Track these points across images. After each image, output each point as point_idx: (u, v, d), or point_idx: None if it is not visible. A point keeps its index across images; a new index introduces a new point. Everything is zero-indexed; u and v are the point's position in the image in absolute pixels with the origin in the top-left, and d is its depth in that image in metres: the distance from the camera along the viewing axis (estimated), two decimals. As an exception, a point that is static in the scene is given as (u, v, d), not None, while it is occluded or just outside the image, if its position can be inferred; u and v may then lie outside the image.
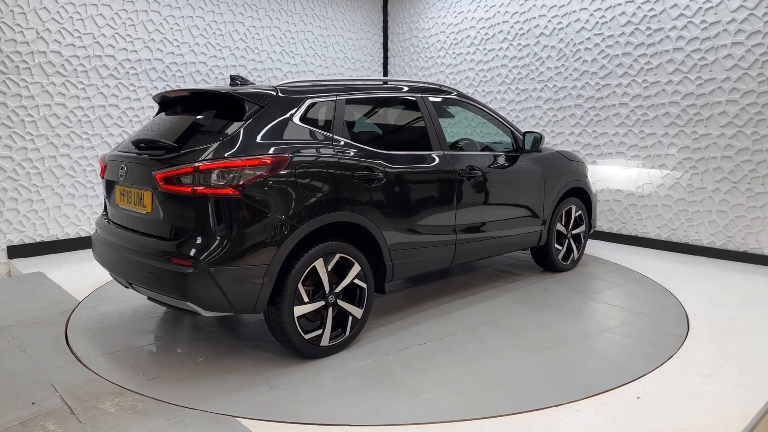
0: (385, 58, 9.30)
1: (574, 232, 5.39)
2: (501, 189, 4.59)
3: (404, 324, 3.96)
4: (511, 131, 4.94)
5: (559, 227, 5.22)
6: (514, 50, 7.44)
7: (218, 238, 2.99)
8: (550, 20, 7.02)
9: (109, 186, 3.67)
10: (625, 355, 3.44)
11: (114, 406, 2.80)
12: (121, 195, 3.50)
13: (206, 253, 2.96)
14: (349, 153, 3.53)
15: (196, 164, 2.99)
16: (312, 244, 3.26)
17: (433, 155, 4.09)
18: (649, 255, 6.02)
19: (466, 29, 8.02)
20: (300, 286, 3.21)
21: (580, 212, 5.42)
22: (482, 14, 7.77)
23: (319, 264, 3.28)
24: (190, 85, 6.75)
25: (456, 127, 7.03)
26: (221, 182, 2.98)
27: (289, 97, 3.44)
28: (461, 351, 3.52)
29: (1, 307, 4.26)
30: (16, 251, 5.59)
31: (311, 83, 3.71)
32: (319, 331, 3.33)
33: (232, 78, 3.78)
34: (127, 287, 3.55)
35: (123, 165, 3.43)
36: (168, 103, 3.87)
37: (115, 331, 3.80)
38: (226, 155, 3.04)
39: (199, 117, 3.54)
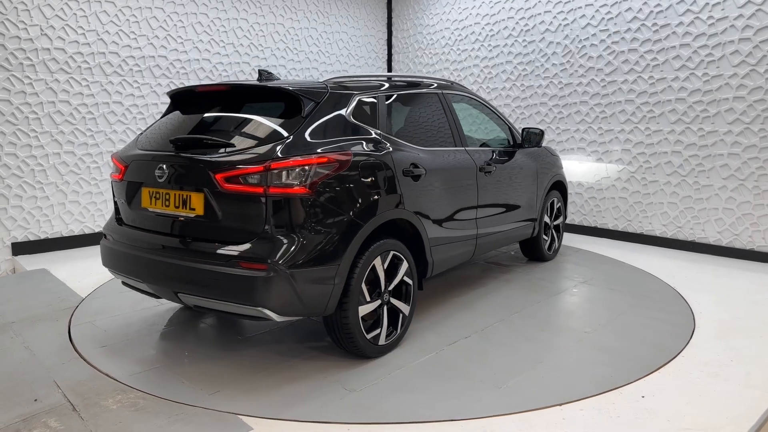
0: (389, 54, 9.26)
1: (555, 222, 5.66)
2: (507, 183, 4.75)
3: (437, 319, 3.99)
4: (508, 126, 5.11)
5: (545, 219, 5.48)
6: (519, 47, 7.40)
7: (291, 239, 2.87)
8: (555, 16, 6.97)
9: (132, 188, 3.36)
10: (635, 349, 3.44)
11: (116, 403, 2.80)
12: (154, 197, 3.22)
13: (281, 255, 2.82)
14: (397, 149, 3.54)
15: (268, 163, 2.85)
16: (369, 242, 3.23)
17: (459, 150, 4.20)
18: (655, 253, 5.98)
19: (470, 25, 7.97)
20: (363, 285, 3.19)
21: (560, 204, 5.71)
22: (487, 10, 7.72)
23: (377, 262, 3.27)
24: (194, 83, 6.74)
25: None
26: (293, 181, 2.88)
27: (339, 93, 3.38)
28: (507, 341, 3.63)
29: (5, 304, 4.27)
30: (20, 248, 5.60)
31: (351, 79, 3.70)
32: (378, 330, 3.32)
33: (260, 72, 3.63)
34: (158, 298, 3.37)
35: (162, 165, 3.12)
36: (191, 99, 3.61)
37: (137, 346, 3.51)
38: (296, 153, 2.93)
39: (243, 113, 3.36)
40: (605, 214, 6.76)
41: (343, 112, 3.32)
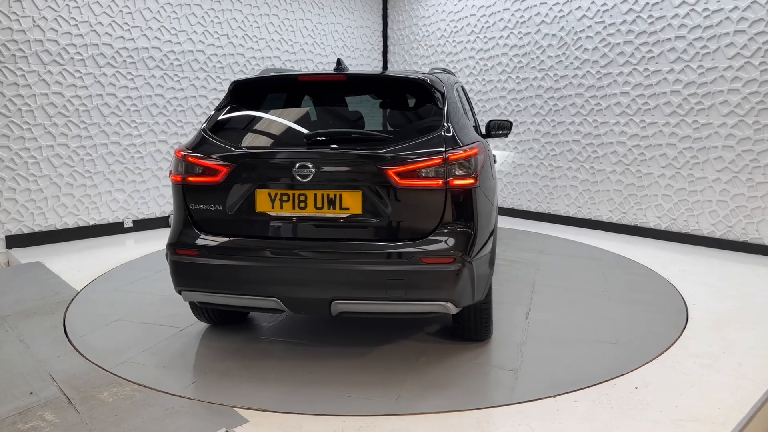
0: (385, 46, 9.23)
1: None
2: (492, 171, 4.98)
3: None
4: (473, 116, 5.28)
5: None
6: (514, 38, 7.38)
7: (467, 230, 2.88)
8: (551, 8, 6.95)
9: (238, 191, 2.94)
10: (660, 299, 3.95)
11: (112, 396, 2.80)
12: (279, 200, 2.88)
13: (463, 247, 2.83)
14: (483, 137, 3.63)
15: (446, 155, 2.82)
16: None
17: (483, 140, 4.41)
18: (649, 245, 6.01)
19: (466, 17, 7.95)
20: None
21: None
22: (483, 2, 7.69)
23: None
24: (188, 74, 6.70)
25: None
26: (465, 172, 2.87)
27: (449, 85, 3.43)
28: (563, 308, 4.04)
29: (-1, 297, 4.27)
30: (14, 241, 5.58)
31: (438, 72, 3.74)
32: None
33: (339, 61, 3.38)
34: (290, 312, 2.94)
35: (306, 164, 2.81)
36: (267, 89, 3.37)
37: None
38: (462, 145, 2.94)
39: (364, 106, 3.40)
40: (600, 206, 6.78)
41: (457, 103, 3.38)
